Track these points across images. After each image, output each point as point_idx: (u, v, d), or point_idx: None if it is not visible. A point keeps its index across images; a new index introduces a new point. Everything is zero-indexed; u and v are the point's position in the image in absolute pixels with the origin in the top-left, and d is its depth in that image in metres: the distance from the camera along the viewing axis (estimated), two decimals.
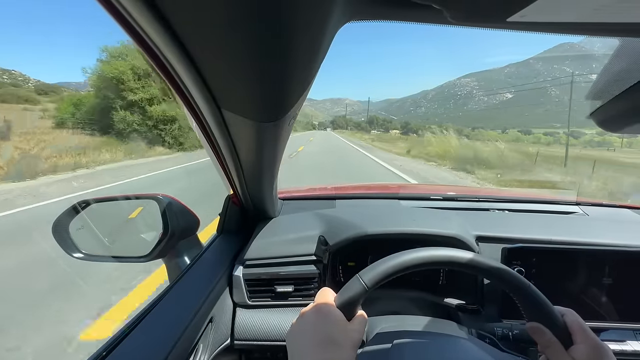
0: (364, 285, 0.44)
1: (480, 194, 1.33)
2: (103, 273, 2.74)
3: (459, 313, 0.82)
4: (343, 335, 0.41)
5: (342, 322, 0.42)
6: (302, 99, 0.46)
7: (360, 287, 0.44)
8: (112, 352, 0.48)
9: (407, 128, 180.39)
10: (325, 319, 0.42)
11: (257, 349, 0.81)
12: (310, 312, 0.44)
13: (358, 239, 0.84)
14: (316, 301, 0.45)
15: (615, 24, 0.26)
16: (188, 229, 0.88)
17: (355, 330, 0.43)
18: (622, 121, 0.38)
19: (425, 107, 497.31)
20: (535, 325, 0.45)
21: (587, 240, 0.81)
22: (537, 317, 0.45)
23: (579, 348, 0.42)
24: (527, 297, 0.45)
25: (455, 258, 0.46)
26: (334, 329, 0.41)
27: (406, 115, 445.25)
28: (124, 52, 17.41)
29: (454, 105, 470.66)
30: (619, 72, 0.34)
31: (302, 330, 0.43)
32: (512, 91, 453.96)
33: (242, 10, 0.26)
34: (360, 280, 0.45)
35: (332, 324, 0.42)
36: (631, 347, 0.74)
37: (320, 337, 0.40)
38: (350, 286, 0.45)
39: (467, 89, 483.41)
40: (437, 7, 0.26)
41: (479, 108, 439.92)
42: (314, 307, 0.44)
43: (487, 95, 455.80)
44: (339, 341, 0.40)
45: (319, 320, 0.42)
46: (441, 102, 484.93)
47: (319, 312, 0.43)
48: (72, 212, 0.80)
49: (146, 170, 9.36)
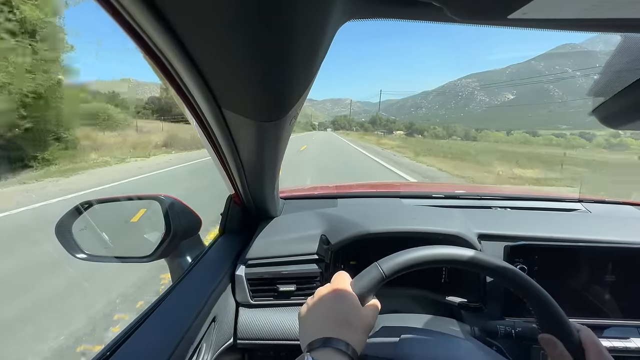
0: (382, 273, 0.45)
1: (482, 191, 1.32)
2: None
3: (461, 311, 0.81)
4: (356, 318, 0.42)
5: (357, 306, 0.43)
6: (303, 99, 0.46)
7: (378, 275, 0.45)
8: (115, 352, 0.48)
9: (411, 129, 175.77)
10: (342, 300, 0.43)
11: (260, 348, 0.81)
12: (327, 293, 0.45)
13: (360, 237, 0.84)
14: (333, 283, 0.47)
15: (616, 19, 0.26)
16: (190, 229, 0.88)
17: (368, 316, 0.44)
18: (624, 117, 0.38)
19: (426, 107, 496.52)
20: (548, 337, 0.45)
21: (589, 237, 0.81)
22: (552, 329, 0.45)
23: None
24: (544, 308, 0.45)
25: (477, 260, 0.47)
26: (349, 311, 0.42)
27: (407, 116, 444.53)
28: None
29: (455, 106, 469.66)
30: (621, 68, 0.34)
31: (317, 308, 0.44)
32: (513, 92, 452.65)
33: (242, 10, 0.26)
34: (379, 268, 0.46)
35: (347, 306, 0.43)
36: (634, 344, 0.73)
37: (336, 317, 0.42)
38: (368, 273, 0.46)
39: (468, 89, 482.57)
40: (437, 5, 0.26)
41: (480, 109, 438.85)
42: (331, 288, 0.46)
43: (488, 96, 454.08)
44: (353, 323, 0.41)
45: (335, 301, 0.44)
46: (442, 102, 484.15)
47: (335, 293, 0.44)
48: (75, 213, 0.80)
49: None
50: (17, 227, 4.11)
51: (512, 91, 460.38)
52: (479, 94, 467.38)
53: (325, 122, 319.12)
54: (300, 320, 0.46)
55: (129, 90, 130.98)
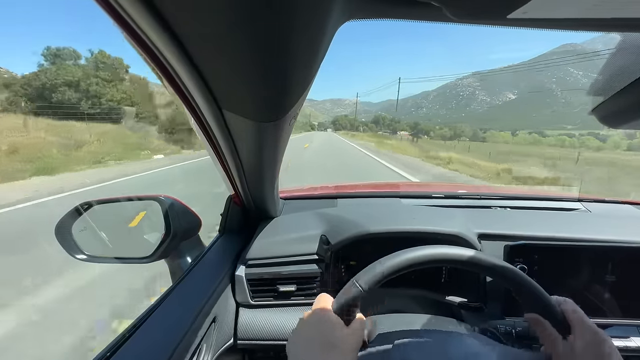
0: (359, 288, 0.44)
1: (482, 191, 1.32)
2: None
3: (461, 311, 0.81)
4: (341, 339, 0.41)
5: (340, 327, 0.43)
6: (303, 99, 0.46)
7: (356, 291, 0.45)
8: (116, 352, 0.49)
9: (416, 129, 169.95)
10: (323, 324, 0.43)
11: (260, 348, 0.81)
12: (308, 319, 0.45)
13: (360, 237, 0.84)
14: (314, 307, 0.46)
15: (615, 19, 0.26)
16: (190, 230, 0.88)
17: (354, 335, 0.43)
18: (623, 116, 0.38)
19: (426, 107, 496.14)
20: (533, 316, 0.46)
21: (589, 236, 0.81)
22: (535, 308, 0.45)
23: (577, 336, 0.42)
24: (524, 289, 0.45)
25: (448, 255, 0.47)
26: (332, 333, 0.42)
27: (407, 116, 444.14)
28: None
29: (456, 106, 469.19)
30: (620, 67, 0.33)
31: (301, 336, 0.44)
32: (515, 92, 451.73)
33: (242, 11, 0.26)
34: (356, 283, 0.45)
35: (329, 329, 0.42)
36: (635, 343, 0.73)
37: (319, 342, 0.41)
38: (346, 290, 0.45)
39: (469, 89, 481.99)
40: (436, 5, 0.26)
41: (481, 109, 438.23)
42: (312, 313, 0.45)
43: (489, 96, 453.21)
44: (338, 345, 0.41)
45: (317, 327, 0.43)
46: (443, 102, 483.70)
47: (316, 318, 0.44)
48: (74, 214, 0.80)
49: None
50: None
51: (513, 91, 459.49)
52: (480, 93, 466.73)
53: (325, 122, 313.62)
54: (288, 352, 0.44)
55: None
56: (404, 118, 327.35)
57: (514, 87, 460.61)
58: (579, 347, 0.41)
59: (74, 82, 25.83)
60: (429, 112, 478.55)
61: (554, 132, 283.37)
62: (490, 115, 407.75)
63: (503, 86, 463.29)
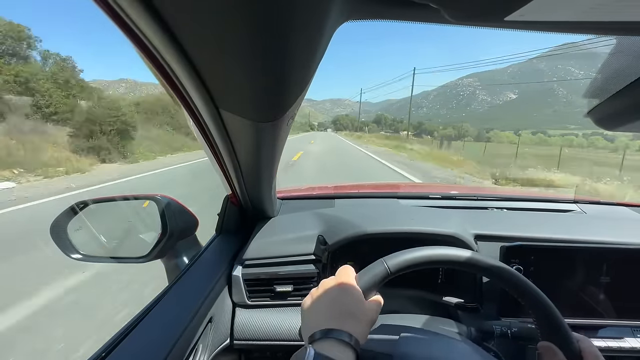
0: (387, 269, 0.46)
1: (479, 192, 1.32)
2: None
3: (458, 311, 0.81)
4: (360, 311, 0.42)
5: (361, 300, 0.44)
6: (301, 99, 0.46)
7: (383, 270, 0.46)
8: (111, 352, 0.48)
9: (420, 129, 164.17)
10: (346, 293, 0.44)
11: (256, 348, 0.81)
12: (332, 285, 0.45)
13: (357, 238, 0.84)
14: (338, 276, 0.47)
15: (612, 22, 0.26)
16: (187, 229, 0.88)
17: (372, 310, 0.44)
18: (619, 119, 0.38)
19: (426, 107, 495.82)
20: (548, 345, 0.45)
21: (585, 238, 0.81)
22: (552, 337, 0.45)
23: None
24: (546, 317, 0.45)
25: (481, 263, 0.47)
26: (352, 303, 0.43)
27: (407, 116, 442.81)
28: None
29: (457, 105, 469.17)
30: (617, 70, 0.33)
31: (321, 300, 0.44)
32: (515, 92, 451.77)
33: (240, 11, 0.26)
34: (385, 264, 0.46)
35: (351, 298, 0.43)
36: (629, 344, 0.74)
37: (339, 309, 0.42)
38: (373, 268, 0.47)
39: (469, 89, 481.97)
40: (434, 6, 0.26)
41: (482, 109, 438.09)
42: (336, 281, 0.46)
43: (490, 95, 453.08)
44: (357, 315, 0.42)
45: (339, 294, 0.44)
46: (443, 102, 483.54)
47: (340, 286, 0.45)
48: (70, 213, 0.80)
49: None
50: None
51: (514, 91, 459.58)
52: (481, 93, 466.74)
53: (325, 122, 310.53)
54: (303, 311, 0.46)
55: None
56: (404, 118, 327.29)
57: (514, 86, 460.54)
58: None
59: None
60: (429, 111, 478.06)
61: (556, 131, 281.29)
62: (491, 114, 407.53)
63: (503, 86, 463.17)
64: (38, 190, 6.32)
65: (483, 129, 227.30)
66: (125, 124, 13.00)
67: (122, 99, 19.29)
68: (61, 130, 12.26)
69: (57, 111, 13.80)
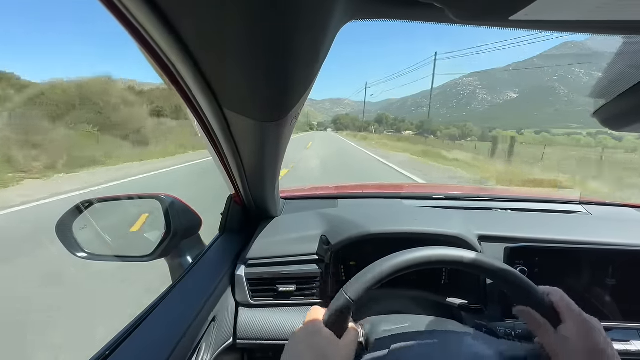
0: (348, 299, 0.44)
1: (483, 193, 1.32)
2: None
3: (461, 312, 0.81)
4: (334, 352, 0.41)
5: (332, 339, 0.43)
6: (304, 99, 0.46)
7: (345, 302, 0.44)
8: (115, 351, 0.49)
9: (422, 129, 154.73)
10: (315, 338, 0.43)
11: (259, 348, 0.81)
12: (300, 333, 0.45)
13: (360, 238, 0.84)
14: (305, 321, 0.46)
15: (618, 22, 0.26)
16: (191, 229, 0.88)
17: (346, 346, 0.43)
18: (625, 120, 0.38)
19: (427, 106, 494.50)
20: (523, 308, 0.46)
21: (590, 239, 0.81)
22: (524, 300, 0.45)
23: (567, 325, 0.43)
24: (511, 282, 0.45)
25: (432, 257, 0.47)
26: (324, 347, 0.42)
27: (407, 116, 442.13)
28: None
29: (457, 104, 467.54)
30: (622, 70, 0.33)
31: (294, 351, 0.43)
32: (516, 90, 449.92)
33: (246, 11, 0.26)
34: (345, 294, 0.45)
35: (322, 342, 0.42)
36: (635, 347, 0.73)
37: (312, 357, 0.41)
38: (336, 302, 0.45)
39: (469, 88, 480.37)
40: (438, 6, 0.26)
41: (482, 108, 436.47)
42: (303, 327, 0.45)
43: (490, 94, 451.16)
44: (330, 358, 0.40)
45: (309, 340, 0.43)
46: (443, 101, 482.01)
47: (308, 332, 0.44)
48: (75, 212, 0.80)
49: None
50: None
51: (514, 89, 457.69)
52: (481, 92, 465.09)
53: (325, 121, 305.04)
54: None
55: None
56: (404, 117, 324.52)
57: (515, 85, 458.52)
58: (569, 335, 0.42)
59: None
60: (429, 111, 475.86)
61: (559, 130, 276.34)
62: (491, 114, 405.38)
63: (504, 85, 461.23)
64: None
65: (486, 128, 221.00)
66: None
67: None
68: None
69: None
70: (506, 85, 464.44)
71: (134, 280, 2.60)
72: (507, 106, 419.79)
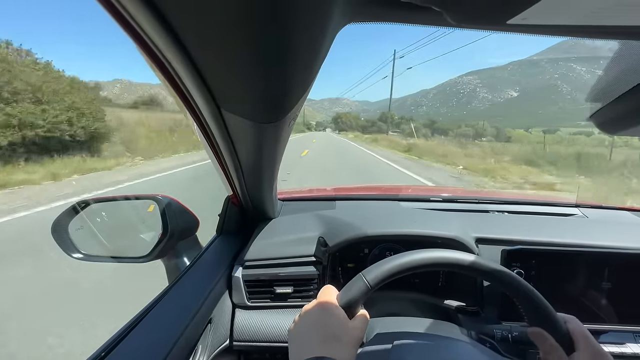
0: (367, 284, 0.45)
1: (480, 195, 1.32)
2: None
3: (458, 315, 0.81)
4: (345, 332, 0.41)
5: (344, 320, 0.43)
6: (302, 100, 0.46)
7: (363, 286, 0.45)
8: (110, 352, 0.48)
9: (432, 128, 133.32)
10: (328, 316, 0.43)
11: (256, 350, 0.81)
12: (313, 309, 0.45)
13: (358, 240, 0.84)
14: (319, 298, 0.46)
15: (614, 26, 0.26)
16: (187, 230, 0.88)
17: (357, 329, 0.43)
18: (621, 123, 0.38)
19: (426, 106, 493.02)
20: (537, 330, 0.45)
21: (586, 242, 0.81)
22: (540, 322, 0.45)
23: (581, 355, 0.42)
24: (530, 302, 0.45)
25: (459, 260, 0.46)
26: (337, 326, 0.42)
27: (409, 114, 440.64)
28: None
29: (457, 103, 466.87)
30: (619, 74, 0.33)
31: (305, 326, 0.43)
32: (517, 89, 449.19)
33: (243, 13, 0.26)
34: (364, 278, 0.45)
35: (334, 321, 0.42)
36: (631, 350, 0.73)
37: (323, 334, 0.41)
38: (353, 284, 0.45)
39: (469, 87, 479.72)
40: (436, 9, 0.26)
41: (483, 107, 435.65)
42: (317, 304, 0.45)
43: (491, 93, 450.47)
44: (341, 338, 0.40)
45: (322, 318, 0.43)
46: (443, 100, 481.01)
47: (321, 310, 0.44)
48: (71, 212, 0.80)
49: None
50: None
51: (515, 88, 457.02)
52: (481, 91, 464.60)
53: (324, 121, 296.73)
54: (289, 339, 0.45)
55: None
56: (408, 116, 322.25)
57: (515, 84, 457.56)
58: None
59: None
60: (429, 110, 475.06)
61: (569, 129, 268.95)
62: (492, 112, 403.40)
63: (504, 83, 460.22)
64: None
65: (503, 128, 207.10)
66: None
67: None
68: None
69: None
70: (506, 83, 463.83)
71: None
72: (509, 105, 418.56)
